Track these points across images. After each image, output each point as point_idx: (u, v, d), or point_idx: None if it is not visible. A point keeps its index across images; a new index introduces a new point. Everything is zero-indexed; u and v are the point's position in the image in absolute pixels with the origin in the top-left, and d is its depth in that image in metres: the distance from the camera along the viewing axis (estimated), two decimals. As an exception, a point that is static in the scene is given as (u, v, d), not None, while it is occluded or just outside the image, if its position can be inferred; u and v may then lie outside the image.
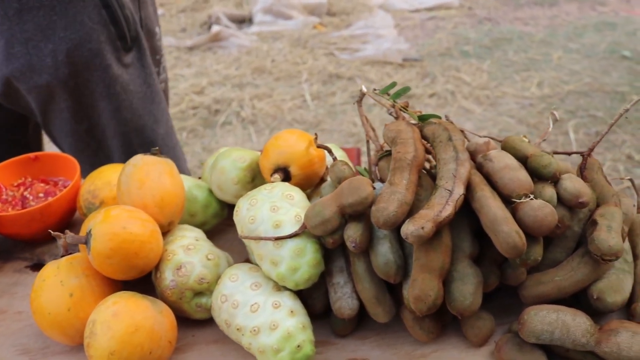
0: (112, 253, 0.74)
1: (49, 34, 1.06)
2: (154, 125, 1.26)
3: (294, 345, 0.69)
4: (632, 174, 2.61)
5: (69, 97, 1.13)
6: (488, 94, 3.26)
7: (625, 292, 0.76)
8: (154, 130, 1.26)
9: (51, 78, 1.09)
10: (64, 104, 1.13)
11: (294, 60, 3.69)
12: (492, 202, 0.68)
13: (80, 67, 1.10)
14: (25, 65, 1.07)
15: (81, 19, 1.08)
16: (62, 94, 1.12)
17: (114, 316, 0.71)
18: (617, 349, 0.68)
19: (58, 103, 1.13)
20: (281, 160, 0.82)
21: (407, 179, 0.68)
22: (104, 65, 1.13)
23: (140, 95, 1.21)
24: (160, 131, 1.28)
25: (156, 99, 1.25)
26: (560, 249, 0.78)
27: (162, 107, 1.28)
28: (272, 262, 0.72)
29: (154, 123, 1.26)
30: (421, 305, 0.66)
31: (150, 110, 1.24)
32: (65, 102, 1.13)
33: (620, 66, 3.49)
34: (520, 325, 0.70)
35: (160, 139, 1.28)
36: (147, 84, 1.22)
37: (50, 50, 1.07)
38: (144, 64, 1.21)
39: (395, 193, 0.66)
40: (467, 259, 0.71)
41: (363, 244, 0.69)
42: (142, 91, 1.22)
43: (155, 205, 0.81)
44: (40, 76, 1.08)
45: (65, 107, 1.14)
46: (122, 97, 1.17)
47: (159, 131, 1.27)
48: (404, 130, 0.75)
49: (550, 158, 0.74)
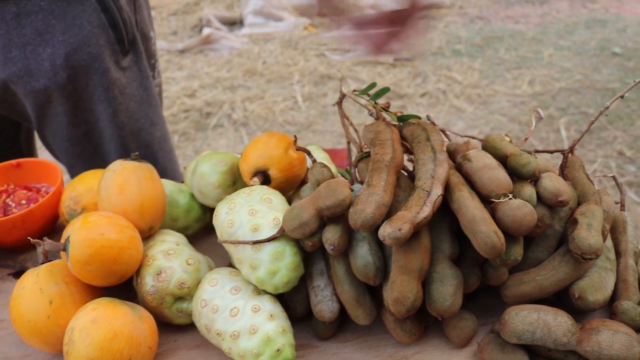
0: (91, 259, 0.73)
1: (48, 37, 1.06)
2: (150, 129, 1.25)
3: (273, 349, 0.68)
4: (623, 170, 2.62)
5: (66, 101, 1.12)
6: (479, 93, 3.26)
7: (607, 291, 0.76)
8: (151, 133, 1.26)
9: (49, 82, 1.08)
10: (61, 108, 1.13)
11: (285, 62, 3.69)
12: (471, 203, 0.67)
13: (79, 70, 1.10)
14: (23, 69, 1.07)
15: (80, 23, 1.07)
16: (59, 98, 1.11)
17: (93, 323, 0.70)
18: (598, 348, 0.67)
19: (55, 107, 1.13)
20: (260, 163, 0.82)
21: (385, 180, 0.68)
22: (103, 69, 1.12)
23: (137, 98, 1.21)
24: (156, 134, 1.27)
25: (152, 102, 1.25)
26: (541, 248, 0.78)
27: (158, 110, 1.28)
28: (251, 266, 0.72)
29: (150, 126, 1.25)
30: (400, 308, 0.66)
31: (147, 113, 1.24)
32: (63, 107, 1.13)
33: (610, 63, 3.50)
34: (501, 326, 0.70)
35: (157, 142, 1.27)
36: (143, 87, 1.22)
37: (48, 54, 1.06)
38: (141, 67, 1.21)
39: (372, 195, 0.66)
40: (447, 260, 0.70)
41: (341, 246, 0.69)
42: (139, 94, 1.21)
43: (135, 210, 0.81)
44: (37, 80, 1.08)
45: (62, 111, 1.13)
46: (119, 101, 1.17)
47: (156, 134, 1.27)
48: (382, 131, 0.75)
49: (529, 157, 0.74)
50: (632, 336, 0.68)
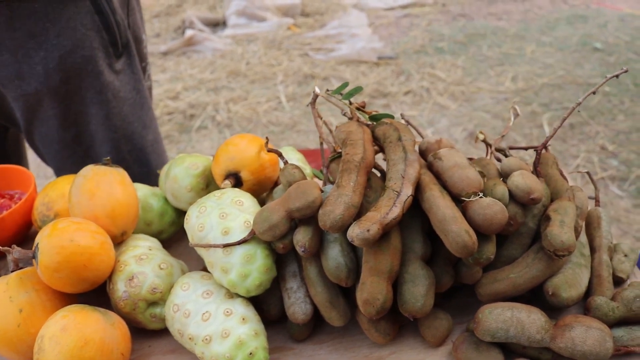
0: (60, 266, 0.72)
1: (41, 40, 1.04)
2: (143, 132, 1.24)
3: (246, 353, 0.68)
4: (606, 164, 2.63)
5: (58, 104, 1.11)
6: (463, 90, 3.27)
7: (581, 287, 0.76)
8: (143, 136, 1.25)
9: (41, 86, 1.07)
10: (51, 111, 1.11)
11: (269, 62, 3.68)
12: (441, 202, 0.67)
13: (72, 73, 1.08)
14: (14, 73, 1.05)
15: (74, 25, 1.06)
16: (50, 102, 1.10)
17: (63, 330, 0.69)
18: (572, 344, 0.67)
19: (45, 110, 1.11)
20: (231, 166, 0.81)
21: (355, 181, 0.67)
22: (96, 72, 1.11)
23: (130, 101, 1.20)
24: (149, 137, 1.26)
25: (145, 105, 1.24)
26: (515, 246, 0.78)
27: (150, 113, 1.27)
28: (223, 270, 0.71)
29: (143, 129, 1.24)
30: (370, 309, 0.65)
31: (139, 116, 1.23)
32: (53, 110, 1.11)
33: (592, 58, 3.52)
34: (475, 324, 0.70)
35: (149, 145, 1.26)
36: (136, 90, 1.21)
37: (41, 57, 1.05)
38: (134, 70, 1.20)
39: (341, 196, 0.65)
40: (419, 260, 0.70)
41: (312, 248, 0.69)
42: (132, 97, 1.20)
43: (107, 216, 0.80)
44: (29, 84, 1.06)
45: (53, 114, 1.12)
46: (112, 104, 1.16)
47: (148, 137, 1.26)
48: (354, 131, 0.74)
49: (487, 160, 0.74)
50: (604, 332, 0.68)
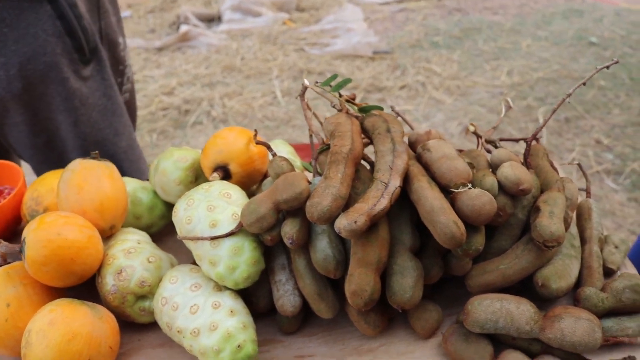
0: (47, 260, 0.72)
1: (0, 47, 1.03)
2: (115, 139, 1.22)
3: (234, 345, 0.67)
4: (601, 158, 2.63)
5: (24, 111, 1.09)
6: (459, 84, 3.27)
7: (571, 278, 0.76)
8: (115, 143, 1.23)
9: (4, 92, 1.05)
10: (19, 118, 1.10)
11: (264, 57, 3.67)
12: (429, 193, 0.67)
13: (35, 80, 1.07)
14: None
15: (34, 32, 1.04)
16: (16, 108, 1.08)
17: (50, 324, 0.69)
18: (561, 335, 0.67)
19: (13, 117, 1.10)
20: (220, 158, 0.81)
21: (343, 173, 0.67)
22: (61, 79, 1.09)
23: (100, 108, 1.18)
24: (121, 144, 1.24)
25: (117, 112, 1.22)
26: (505, 237, 0.78)
27: (123, 119, 1.25)
28: (211, 262, 0.71)
29: (114, 136, 1.22)
30: (358, 300, 0.65)
31: (110, 123, 1.21)
32: (21, 116, 1.10)
33: (587, 52, 3.52)
34: (464, 316, 0.70)
35: (122, 152, 1.25)
36: (107, 96, 1.19)
37: (2, 63, 1.03)
38: (104, 76, 1.17)
39: (329, 187, 0.65)
40: (407, 251, 0.70)
41: (300, 240, 0.68)
42: (102, 104, 1.18)
43: (95, 210, 0.79)
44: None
45: (21, 120, 1.11)
46: (80, 111, 1.14)
47: (121, 144, 1.24)
48: (342, 123, 0.74)
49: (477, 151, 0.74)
50: (594, 322, 0.68)
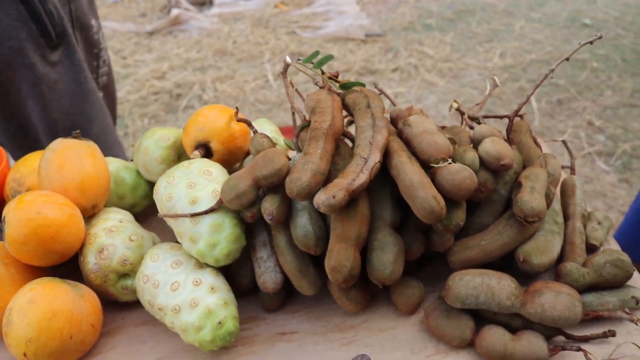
0: (27, 239, 0.72)
1: None
2: (86, 125, 1.21)
3: (215, 322, 0.67)
4: (593, 139, 2.63)
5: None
6: (451, 67, 3.26)
7: (553, 253, 0.76)
8: (88, 129, 1.21)
9: None
10: None
11: (256, 41, 3.65)
12: (409, 168, 0.67)
13: (1, 65, 1.05)
14: None
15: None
16: None
17: (30, 303, 0.69)
18: (541, 310, 0.67)
19: None
20: (201, 136, 0.80)
21: (322, 148, 0.67)
22: (27, 64, 1.07)
23: (70, 93, 1.16)
24: (94, 131, 1.22)
25: (89, 98, 1.20)
26: (487, 213, 0.78)
27: (96, 106, 1.22)
28: (191, 240, 0.71)
29: (86, 122, 1.20)
30: (337, 276, 0.65)
31: (82, 109, 1.19)
32: None
33: (581, 34, 3.50)
34: (445, 291, 0.70)
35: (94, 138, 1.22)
36: (77, 82, 1.17)
37: None
38: (74, 61, 1.15)
39: (308, 163, 0.65)
40: (388, 227, 0.70)
41: (280, 216, 0.68)
42: (72, 89, 1.16)
43: (76, 188, 0.79)
44: None
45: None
46: (49, 97, 1.12)
47: (93, 131, 1.22)
48: (323, 99, 0.74)
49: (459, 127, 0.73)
50: (574, 297, 0.68)
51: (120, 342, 0.77)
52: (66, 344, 0.69)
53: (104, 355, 0.75)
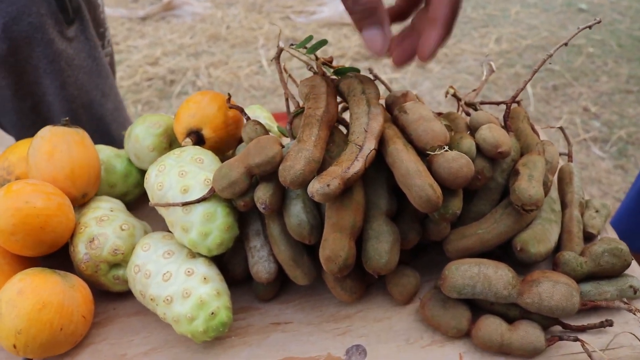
0: (16, 229, 0.70)
1: None
2: (101, 100, 1.21)
3: (207, 313, 0.66)
4: (588, 125, 2.62)
5: (8, 75, 1.07)
6: (446, 52, 3.24)
7: (550, 242, 0.75)
8: (102, 105, 1.21)
9: None
10: (4, 82, 1.08)
11: (250, 26, 3.62)
12: (405, 156, 0.65)
13: (20, 42, 1.04)
14: None
15: None
16: (1, 72, 1.06)
17: (19, 294, 0.67)
18: (539, 299, 0.67)
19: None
20: (193, 123, 0.78)
21: (316, 136, 0.65)
22: (46, 40, 1.07)
23: (86, 69, 1.16)
24: (108, 106, 1.23)
25: (103, 73, 1.20)
26: (484, 202, 0.77)
27: (109, 81, 1.23)
28: (183, 229, 0.69)
29: (101, 98, 1.21)
30: (332, 266, 0.64)
31: (97, 84, 1.19)
32: (5, 80, 1.07)
33: (577, 19, 3.48)
34: (441, 281, 0.69)
35: (109, 114, 1.23)
36: (92, 57, 1.17)
37: None
38: (88, 36, 1.15)
39: (302, 150, 0.63)
40: (383, 216, 0.69)
41: (273, 205, 0.67)
42: (88, 65, 1.16)
43: (66, 177, 0.77)
44: None
45: (6, 84, 1.08)
46: (67, 73, 1.12)
47: (107, 106, 1.22)
48: (317, 85, 0.72)
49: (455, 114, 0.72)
50: (572, 286, 0.67)
51: (112, 333, 0.76)
52: (57, 335, 0.68)
53: (95, 346, 0.74)
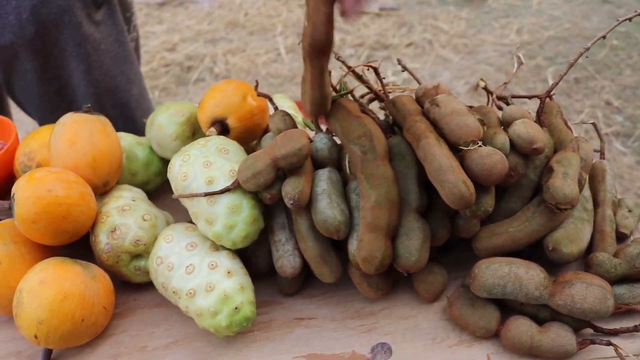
0: (38, 218, 0.69)
1: None
2: (127, 86, 1.20)
3: (231, 307, 0.65)
4: (610, 120, 2.58)
5: (35, 58, 1.06)
6: (466, 42, 3.19)
7: (583, 242, 0.73)
8: (127, 91, 1.20)
9: (15, 37, 1.02)
10: (29, 65, 1.07)
11: (268, 13, 3.59)
12: (437, 150, 0.63)
13: (48, 25, 1.03)
14: None
15: None
16: (27, 54, 1.05)
17: (41, 284, 0.66)
18: (571, 301, 0.65)
19: (23, 64, 1.07)
20: (217, 112, 0.77)
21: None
22: (74, 23, 1.06)
23: (112, 54, 1.15)
24: (133, 92, 1.22)
25: (128, 59, 1.19)
26: (515, 199, 0.75)
27: (134, 66, 1.22)
28: (207, 221, 0.68)
29: (126, 83, 1.20)
30: (369, 267, 0.63)
31: (122, 70, 1.18)
32: (31, 63, 1.07)
33: (600, 10, 3.41)
34: (471, 280, 0.67)
35: (134, 100, 1.22)
36: (118, 42, 1.16)
37: (13, 7, 1.00)
38: (116, 21, 1.14)
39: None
40: (414, 212, 0.67)
41: (302, 201, 0.65)
42: (114, 50, 1.15)
43: (87, 165, 0.76)
44: (2, 35, 1.01)
45: (31, 67, 1.07)
46: (93, 57, 1.11)
47: (133, 92, 1.21)
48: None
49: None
50: (605, 289, 0.65)
51: (133, 325, 0.75)
52: (78, 326, 0.67)
53: (115, 338, 0.73)
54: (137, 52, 1.33)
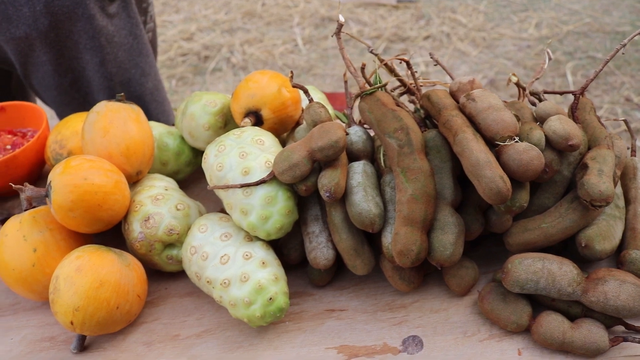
0: (74, 205, 0.70)
1: None
2: (141, 79, 1.20)
3: (266, 298, 0.65)
4: (630, 116, 2.56)
5: (49, 50, 1.06)
6: (484, 36, 3.17)
7: (615, 239, 0.73)
8: (142, 84, 1.20)
9: (29, 29, 1.02)
10: (44, 57, 1.07)
11: (285, 4, 3.58)
12: (475, 145, 0.63)
13: (62, 17, 1.03)
14: (1, 15, 1.00)
15: None
16: (42, 47, 1.05)
17: (78, 271, 0.67)
18: (604, 298, 0.64)
19: (38, 56, 1.07)
20: (252, 103, 0.77)
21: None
22: (87, 16, 1.06)
23: (127, 47, 1.15)
24: (148, 85, 1.22)
25: (143, 51, 1.19)
26: (548, 195, 0.74)
27: (149, 59, 1.22)
28: (242, 212, 0.68)
29: (141, 76, 1.20)
30: (404, 260, 0.63)
31: (137, 62, 1.18)
32: (46, 55, 1.07)
33: (622, 5, 3.38)
34: (503, 275, 0.67)
35: (149, 93, 1.22)
36: (133, 35, 1.16)
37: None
38: (130, 13, 1.14)
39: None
40: (449, 206, 0.67)
41: (338, 194, 0.65)
42: (128, 43, 1.15)
43: (121, 154, 0.77)
44: (17, 27, 1.02)
45: (47, 59, 1.08)
46: (107, 50, 1.11)
47: (147, 85, 1.21)
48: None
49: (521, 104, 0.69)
50: (639, 286, 0.65)
51: (165, 313, 0.75)
52: (113, 314, 0.68)
53: (148, 326, 0.74)
54: (153, 43, 1.33)
